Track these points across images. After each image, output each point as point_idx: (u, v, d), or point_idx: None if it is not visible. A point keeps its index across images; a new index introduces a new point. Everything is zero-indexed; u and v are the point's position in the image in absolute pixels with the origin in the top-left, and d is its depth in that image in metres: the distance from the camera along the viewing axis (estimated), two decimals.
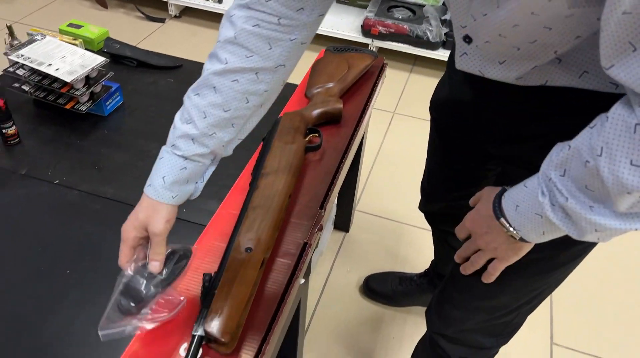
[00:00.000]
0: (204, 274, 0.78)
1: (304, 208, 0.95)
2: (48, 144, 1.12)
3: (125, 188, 1.03)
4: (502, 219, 0.66)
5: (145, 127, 1.19)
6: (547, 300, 1.53)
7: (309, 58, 1.99)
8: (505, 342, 0.92)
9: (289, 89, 1.30)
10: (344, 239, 1.66)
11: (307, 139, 1.05)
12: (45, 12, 2.70)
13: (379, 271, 1.56)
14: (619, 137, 0.49)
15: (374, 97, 1.27)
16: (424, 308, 1.02)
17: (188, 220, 0.96)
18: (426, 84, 2.40)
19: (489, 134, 0.79)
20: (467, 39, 0.65)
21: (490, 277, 0.76)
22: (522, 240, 0.66)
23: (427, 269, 1.46)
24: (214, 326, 0.69)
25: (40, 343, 0.77)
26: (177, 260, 0.77)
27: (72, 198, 1.00)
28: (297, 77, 1.32)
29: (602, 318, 1.50)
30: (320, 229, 0.94)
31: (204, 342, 0.71)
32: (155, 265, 0.73)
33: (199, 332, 0.69)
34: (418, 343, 1.10)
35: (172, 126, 0.73)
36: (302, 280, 0.92)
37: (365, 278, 1.52)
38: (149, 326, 0.70)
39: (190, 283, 0.80)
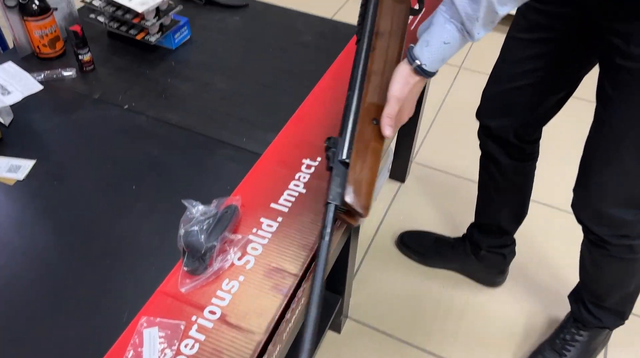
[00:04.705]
0: (327, 139, 0.75)
1: None
2: (120, 72, 1.18)
3: (190, 115, 1.07)
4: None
5: (210, 61, 1.22)
6: None
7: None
8: None
9: (344, 29, 1.30)
10: (399, 189, 1.65)
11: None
12: None
13: (430, 222, 1.55)
14: None
15: None
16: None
17: (246, 148, 0.99)
18: (496, 40, 2.29)
19: None
20: None
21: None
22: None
23: (464, 234, 1.43)
24: (355, 200, 0.69)
25: (110, 245, 0.82)
26: (224, 212, 0.78)
27: (140, 122, 1.05)
28: (328, 10, 1.30)
29: None
30: None
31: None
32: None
33: (336, 201, 0.70)
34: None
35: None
36: None
37: (401, 234, 1.51)
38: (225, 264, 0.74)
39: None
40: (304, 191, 0.85)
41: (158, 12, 1.19)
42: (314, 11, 1.41)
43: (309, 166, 0.89)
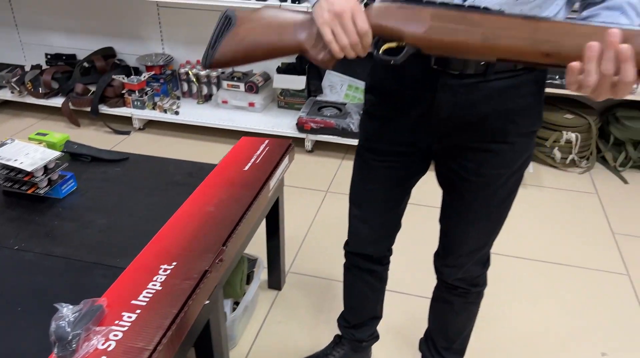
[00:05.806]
0: None
1: (211, 245, 1.22)
2: (12, 221, 1.40)
3: (71, 248, 1.29)
4: None
5: (93, 204, 1.47)
6: None
7: (226, 149, 2.34)
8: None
9: (208, 168, 1.62)
10: (277, 296, 1.89)
11: None
12: (27, 132, 3.10)
13: (307, 322, 1.77)
14: None
15: (281, 166, 1.60)
16: None
17: (117, 266, 1.22)
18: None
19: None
20: None
21: None
22: None
23: (338, 335, 1.62)
24: None
25: None
26: (90, 309, 0.99)
27: (29, 258, 1.26)
28: (217, 158, 1.65)
29: None
30: (221, 260, 1.20)
31: None
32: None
33: None
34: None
35: None
36: (207, 301, 1.16)
37: None
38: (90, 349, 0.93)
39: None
40: (160, 288, 1.08)
41: (46, 170, 1.46)
42: (204, 160, 1.72)
43: (165, 270, 1.14)
